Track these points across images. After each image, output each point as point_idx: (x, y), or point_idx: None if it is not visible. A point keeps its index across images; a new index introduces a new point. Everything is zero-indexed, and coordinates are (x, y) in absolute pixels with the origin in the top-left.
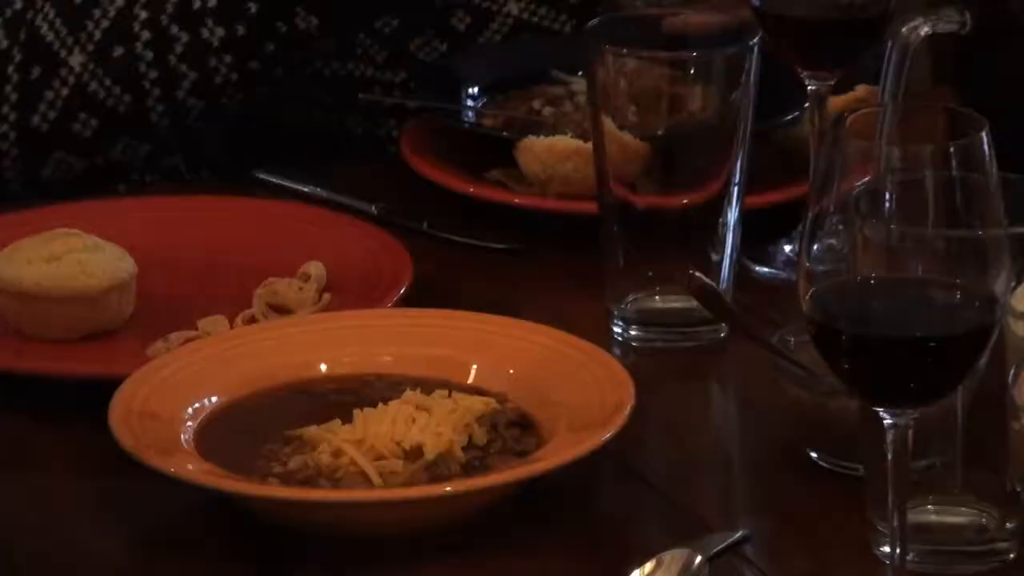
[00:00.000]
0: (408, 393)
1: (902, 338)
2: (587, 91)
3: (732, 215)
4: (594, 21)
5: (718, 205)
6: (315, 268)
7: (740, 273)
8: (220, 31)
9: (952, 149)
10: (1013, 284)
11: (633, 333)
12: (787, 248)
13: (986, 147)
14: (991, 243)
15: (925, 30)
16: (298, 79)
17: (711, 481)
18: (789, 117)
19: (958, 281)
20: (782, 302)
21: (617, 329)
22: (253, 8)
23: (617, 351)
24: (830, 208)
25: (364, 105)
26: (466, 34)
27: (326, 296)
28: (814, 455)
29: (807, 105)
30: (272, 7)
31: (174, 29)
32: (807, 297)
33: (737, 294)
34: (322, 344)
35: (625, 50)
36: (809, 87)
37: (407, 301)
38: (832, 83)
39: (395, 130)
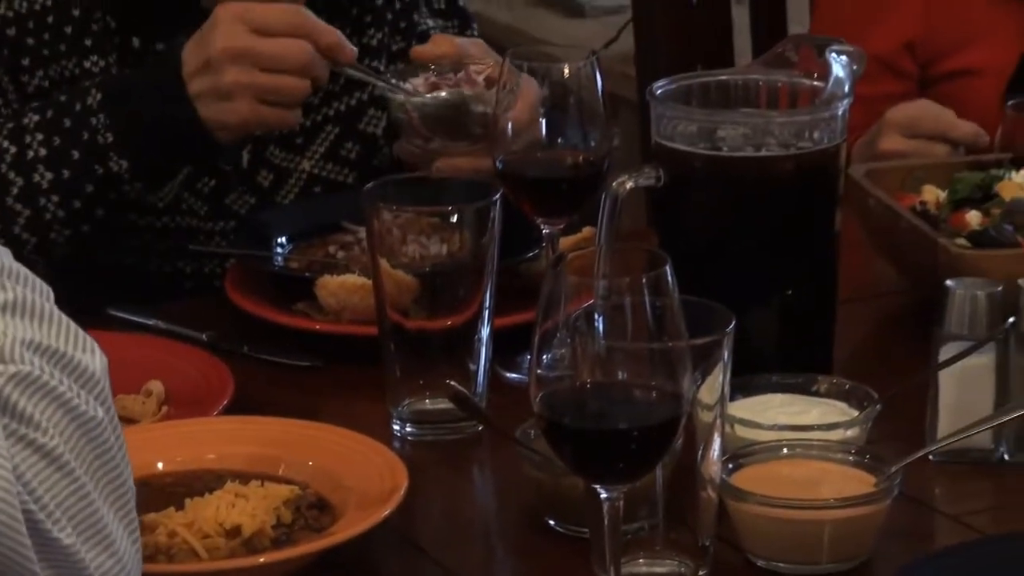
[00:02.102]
0: (229, 484)
1: (611, 430)
2: (367, 239)
3: (484, 333)
4: (370, 185)
5: (473, 326)
6: (156, 386)
7: (494, 378)
8: (49, 175)
9: (644, 280)
10: (698, 382)
11: (409, 429)
12: (551, 355)
13: (670, 278)
14: (677, 353)
15: (630, 184)
16: (118, 223)
17: (472, 546)
18: (531, 254)
19: (653, 383)
20: (527, 402)
21: (396, 427)
22: (76, 155)
23: (396, 444)
24: (556, 328)
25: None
26: (270, 189)
27: (164, 408)
28: (552, 522)
29: (544, 244)
30: (91, 152)
31: (11, 175)
32: (537, 399)
33: (492, 395)
34: (160, 446)
35: (395, 206)
36: (544, 230)
37: (230, 410)
38: (562, 227)
39: (219, 272)
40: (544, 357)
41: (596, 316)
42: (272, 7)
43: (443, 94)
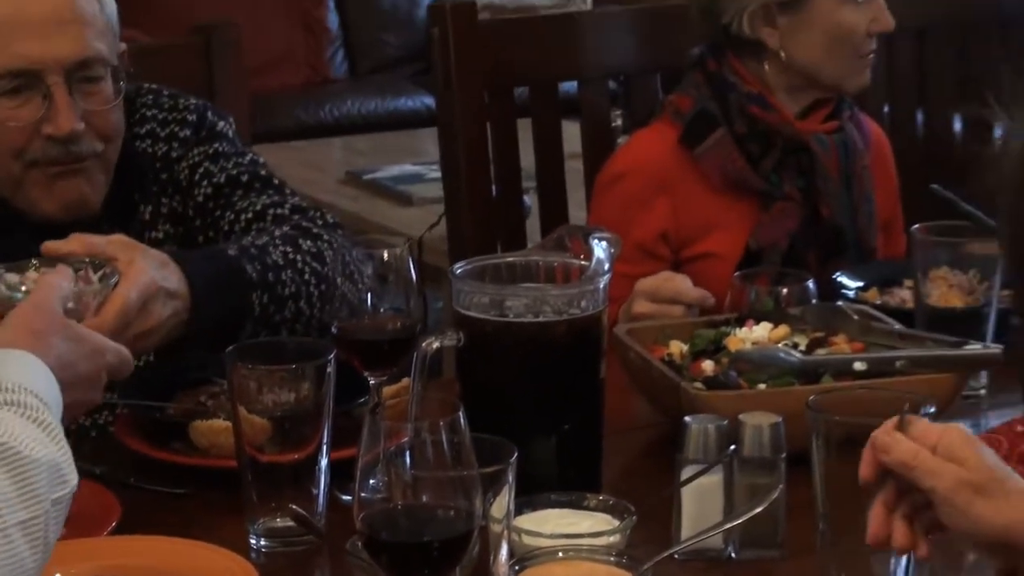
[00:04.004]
0: None
1: (418, 542)
2: (228, 390)
3: (324, 464)
4: (230, 348)
5: (315, 458)
6: None
7: (333, 500)
8: None
9: (442, 423)
10: (490, 501)
11: (263, 543)
12: (371, 481)
13: (463, 421)
14: (469, 479)
15: (436, 344)
16: None
17: None
18: (361, 400)
19: (452, 504)
20: None
21: (252, 541)
22: None
23: (253, 555)
24: (375, 460)
25: None
26: None
27: (63, 530)
28: None
29: (371, 392)
30: None
31: None
32: (359, 518)
33: (331, 514)
34: (58, 561)
35: (250, 365)
36: (371, 381)
37: (117, 530)
38: (385, 378)
39: (111, 418)
40: (366, 484)
41: (406, 451)
42: None
43: (24, 287)
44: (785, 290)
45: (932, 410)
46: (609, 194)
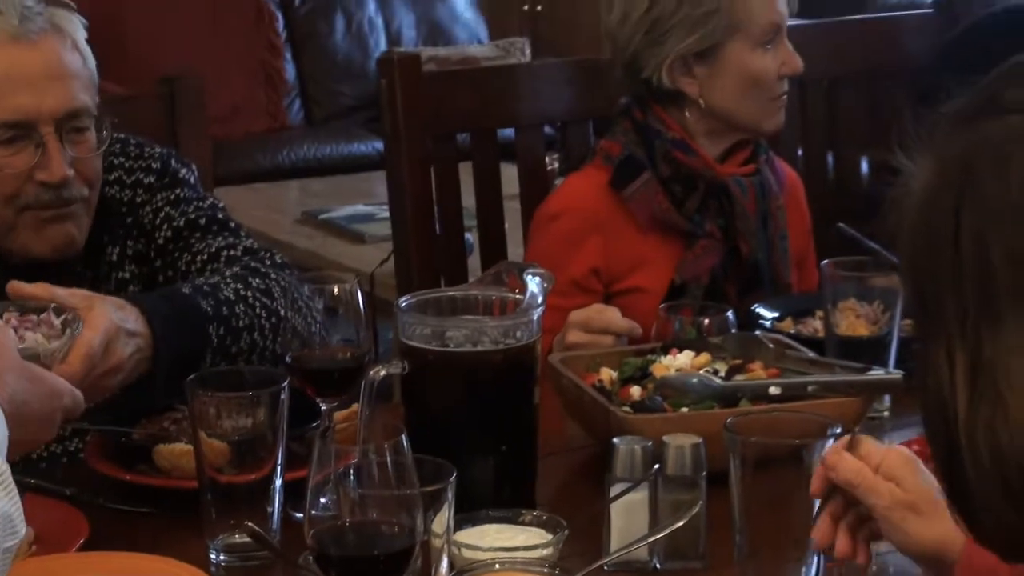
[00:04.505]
0: None
1: (364, 556)
2: (189, 416)
3: (278, 484)
4: (191, 377)
5: (270, 479)
6: (26, 532)
7: (286, 518)
8: None
9: (387, 446)
10: (431, 518)
11: (222, 558)
12: (322, 500)
13: (405, 444)
14: (411, 497)
15: (383, 373)
16: None
17: None
18: (313, 424)
19: (395, 520)
20: None
21: (212, 556)
22: None
23: (212, 569)
24: (325, 480)
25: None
26: None
27: (33, 547)
28: None
29: (322, 417)
30: None
31: None
32: (310, 533)
33: (285, 530)
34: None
35: (210, 392)
36: (322, 407)
37: (85, 547)
38: (336, 404)
39: (81, 443)
40: (317, 502)
41: (353, 471)
42: None
43: None
44: (707, 321)
45: (839, 430)
46: (545, 232)
